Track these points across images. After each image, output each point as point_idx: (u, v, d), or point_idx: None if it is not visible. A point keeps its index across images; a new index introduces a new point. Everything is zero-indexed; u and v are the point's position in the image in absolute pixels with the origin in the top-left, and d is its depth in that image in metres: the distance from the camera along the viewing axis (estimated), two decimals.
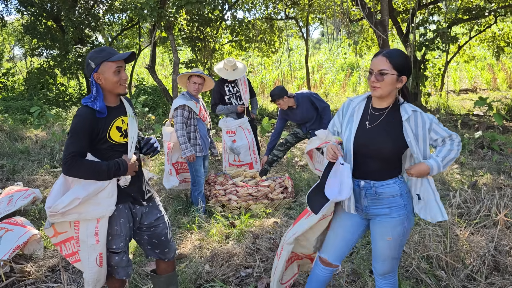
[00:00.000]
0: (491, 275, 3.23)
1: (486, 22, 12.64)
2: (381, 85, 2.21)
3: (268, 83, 18.76)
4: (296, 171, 6.49)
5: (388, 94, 2.26)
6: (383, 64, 2.18)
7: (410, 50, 9.21)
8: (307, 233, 2.60)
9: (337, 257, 2.53)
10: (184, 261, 3.68)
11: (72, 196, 2.27)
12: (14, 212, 4.40)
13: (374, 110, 2.34)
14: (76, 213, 2.32)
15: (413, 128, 2.25)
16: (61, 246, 2.50)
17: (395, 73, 2.18)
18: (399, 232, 2.34)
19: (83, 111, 2.29)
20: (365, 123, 2.34)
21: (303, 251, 2.77)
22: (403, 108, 2.28)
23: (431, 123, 2.28)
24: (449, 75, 17.04)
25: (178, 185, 4.94)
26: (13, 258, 3.54)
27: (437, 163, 2.27)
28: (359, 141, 2.32)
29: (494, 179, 5.46)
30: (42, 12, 13.60)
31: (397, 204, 2.32)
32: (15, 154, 7.31)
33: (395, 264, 2.47)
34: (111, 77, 2.30)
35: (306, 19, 14.48)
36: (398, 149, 2.28)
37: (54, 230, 2.44)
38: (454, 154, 2.29)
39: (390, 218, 2.33)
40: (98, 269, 2.43)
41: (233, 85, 5.79)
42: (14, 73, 16.98)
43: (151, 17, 8.87)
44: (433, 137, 2.30)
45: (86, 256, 2.40)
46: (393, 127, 2.28)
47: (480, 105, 7.61)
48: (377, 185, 2.33)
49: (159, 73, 19.97)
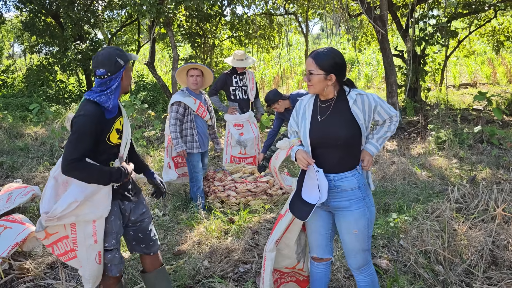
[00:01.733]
0: (489, 270, 3.24)
1: (486, 16, 12.59)
2: (311, 83, 2.38)
3: (268, 79, 18.74)
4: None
5: (322, 90, 2.39)
6: (310, 65, 2.36)
7: (410, 45, 9.18)
8: (286, 237, 2.65)
9: (324, 251, 2.61)
10: (183, 257, 3.70)
11: (70, 199, 2.26)
12: (13, 209, 4.41)
13: (322, 103, 2.46)
14: (73, 215, 2.31)
15: (361, 111, 2.39)
16: (52, 247, 2.49)
17: (321, 72, 2.33)
18: (364, 224, 2.42)
19: (92, 110, 2.28)
20: (316, 117, 2.45)
21: (286, 263, 2.78)
22: (350, 95, 2.41)
23: (376, 105, 2.42)
24: (449, 69, 17.00)
25: (176, 178, 4.97)
26: (12, 255, 3.55)
27: (374, 145, 2.48)
28: (314, 135, 2.42)
29: (493, 173, 5.46)
30: (41, 9, 13.57)
31: (356, 196, 2.41)
32: (14, 151, 7.31)
33: (368, 256, 2.53)
34: (130, 75, 2.47)
35: (305, 15, 14.45)
36: (352, 135, 2.38)
37: (46, 233, 2.43)
38: (389, 133, 2.52)
39: (351, 211, 2.41)
40: (98, 267, 2.46)
41: (241, 77, 5.76)
42: (14, 70, 16.99)
43: (150, 13, 8.85)
44: (376, 118, 2.48)
45: (86, 256, 2.41)
46: (343, 115, 2.39)
47: (480, 99, 7.59)
48: (336, 178, 2.41)
49: (159, 69, 19.95)
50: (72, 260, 2.53)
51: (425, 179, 5.51)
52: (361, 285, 2.60)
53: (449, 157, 6.53)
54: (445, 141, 7.18)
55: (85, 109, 2.27)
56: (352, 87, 2.45)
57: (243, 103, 5.76)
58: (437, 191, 5.05)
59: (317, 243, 2.60)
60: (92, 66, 2.38)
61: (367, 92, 2.43)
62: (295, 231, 2.64)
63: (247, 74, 5.80)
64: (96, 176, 2.27)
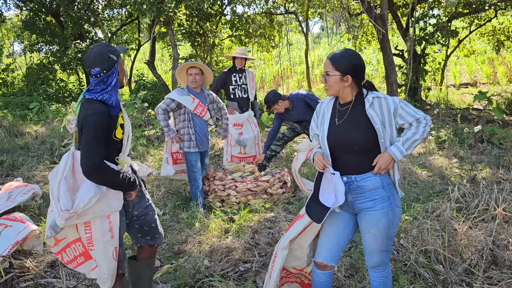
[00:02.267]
0: (489, 269, 3.24)
1: (486, 16, 12.59)
2: (328, 85, 2.38)
3: (268, 78, 18.74)
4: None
5: (339, 92, 2.38)
6: (327, 66, 2.37)
7: (410, 45, 9.18)
8: (301, 239, 2.62)
9: (331, 258, 2.53)
10: (183, 256, 3.70)
11: (90, 194, 2.27)
12: (13, 208, 4.41)
13: (340, 107, 2.45)
14: (91, 212, 2.32)
15: (378, 115, 2.33)
16: (61, 255, 2.47)
17: (337, 73, 2.33)
18: (385, 224, 2.37)
19: (99, 108, 2.29)
20: (334, 120, 2.44)
21: (296, 264, 2.76)
22: (367, 98, 2.37)
23: (396, 108, 2.34)
24: (449, 69, 17.01)
25: (173, 174, 5.00)
26: (12, 253, 3.54)
27: (398, 148, 2.33)
28: (332, 138, 2.41)
29: (493, 173, 5.46)
30: (41, 8, 13.56)
31: (380, 196, 2.36)
32: (14, 150, 7.31)
33: (385, 257, 2.49)
34: (124, 68, 2.46)
35: (305, 14, 14.45)
36: (369, 138, 2.33)
37: (55, 239, 2.42)
38: (418, 136, 2.34)
39: (374, 210, 2.37)
40: (115, 264, 2.47)
41: (241, 76, 5.75)
42: (14, 69, 16.99)
43: (150, 12, 8.84)
44: (399, 122, 2.37)
45: (103, 253, 2.41)
46: (360, 118, 2.35)
47: (480, 99, 7.60)
48: (359, 179, 2.37)
49: (159, 68, 19.96)
50: (81, 266, 2.50)
51: (425, 179, 5.51)
52: (373, 284, 2.57)
53: (449, 157, 6.53)
54: (445, 141, 7.18)
55: (93, 108, 2.28)
56: (372, 90, 2.41)
57: (242, 102, 5.75)
58: (437, 191, 5.05)
59: (329, 248, 2.52)
60: (86, 67, 2.37)
61: (388, 96, 2.37)
62: (311, 234, 2.61)
63: (247, 73, 5.80)
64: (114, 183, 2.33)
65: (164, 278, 3.35)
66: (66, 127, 2.43)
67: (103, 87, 2.35)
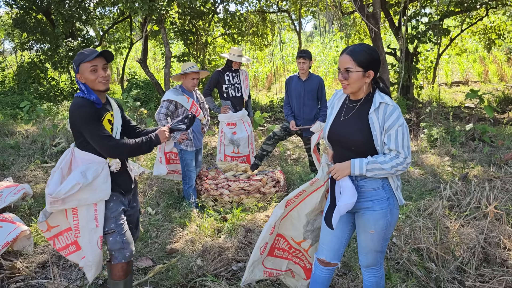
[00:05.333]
0: (480, 267, 3.26)
1: (478, 14, 12.65)
2: (349, 82, 2.27)
3: (261, 76, 18.71)
4: (288, 164, 6.49)
5: (359, 89, 2.30)
6: (348, 62, 2.24)
7: (402, 43, 9.21)
8: (300, 207, 2.67)
9: (333, 256, 2.53)
10: (176, 255, 3.68)
11: (73, 182, 2.43)
12: (3, 208, 4.37)
13: (349, 103, 2.40)
14: (75, 199, 2.48)
15: (380, 121, 2.24)
16: (54, 241, 2.63)
17: (360, 69, 2.23)
18: (382, 225, 2.34)
19: (82, 101, 2.48)
20: (340, 115, 2.41)
21: (293, 235, 2.78)
22: (374, 100, 2.29)
23: (393, 126, 2.21)
24: (441, 67, 17.09)
25: (166, 174, 5.00)
26: (2, 254, 3.50)
27: (361, 164, 2.23)
28: (332, 132, 2.40)
29: (484, 171, 5.49)
30: (32, 5, 13.43)
31: (380, 197, 2.33)
32: (5, 150, 7.24)
33: (379, 258, 2.48)
34: (88, 75, 2.50)
35: (298, 12, 14.44)
36: (365, 142, 2.28)
37: (47, 225, 2.58)
38: (385, 168, 2.20)
39: (372, 211, 2.34)
40: (99, 252, 2.60)
41: (234, 75, 5.72)
42: (4, 67, 16.78)
43: (142, 10, 8.79)
44: (384, 140, 2.25)
45: (88, 241, 2.56)
46: (362, 120, 2.30)
47: (472, 97, 7.64)
48: (359, 178, 2.34)
49: (151, 67, 19.85)
50: (72, 254, 2.68)
51: (417, 177, 5.53)
52: (366, 284, 2.57)
53: (441, 155, 6.56)
54: (437, 139, 7.22)
55: (77, 103, 2.48)
56: (383, 92, 2.33)
57: (236, 101, 5.72)
58: (429, 189, 5.07)
59: (330, 246, 2.52)
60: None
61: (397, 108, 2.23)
62: (310, 204, 2.64)
63: (240, 72, 5.77)
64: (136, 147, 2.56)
65: (156, 278, 3.33)
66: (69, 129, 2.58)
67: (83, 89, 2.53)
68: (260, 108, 12.26)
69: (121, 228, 2.63)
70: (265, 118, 10.49)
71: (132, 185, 2.82)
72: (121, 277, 2.66)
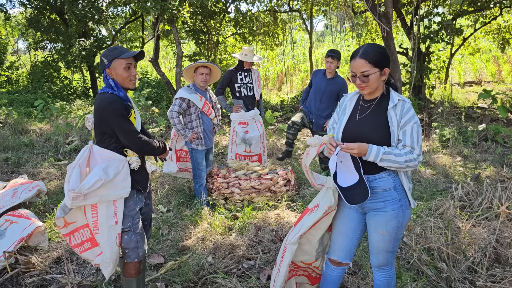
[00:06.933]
0: (492, 267, 3.24)
1: (492, 13, 12.52)
2: (367, 85, 2.28)
3: (272, 76, 18.72)
4: (299, 163, 6.50)
5: (376, 88, 2.32)
6: (363, 66, 2.24)
7: (414, 43, 9.15)
8: (310, 233, 2.59)
9: (345, 256, 2.54)
10: (187, 253, 3.71)
11: (95, 178, 2.44)
12: (18, 205, 4.44)
13: (364, 102, 2.41)
14: (97, 196, 2.49)
15: (397, 117, 2.27)
16: (69, 237, 2.63)
17: (376, 70, 2.25)
18: (393, 226, 2.35)
19: (112, 97, 2.50)
20: (355, 115, 2.40)
21: (304, 259, 2.73)
22: (391, 96, 2.32)
23: (409, 123, 2.24)
24: (454, 67, 16.94)
25: (176, 171, 5.02)
26: (18, 249, 3.58)
27: (378, 151, 2.21)
28: (348, 132, 2.38)
29: (497, 171, 5.45)
30: (46, 5, 13.61)
31: (392, 197, 2.33)
32: (19, 147, 7.35)
33: (390, 258, 2.48)
34: (122, 72, 2.52)
35: (309, 12, 14.41)
36: (383, 139, 2.28)
37: (65, 221, 2.58)
38: (400, 160, 2.21)
39: (384, 211, 2.34)
40: (117, 249, 2.62)
41: (246, 74, 5.75)
42: (18, 66, 17.03)
43: (154, 10, 8.86)
44: (399, 136, 2.27)
45: (107, 237, 2.57)
46: (380, 118, 2.31)
47: (485, 97, 7.57)
48: (371, 179, 2.35)
49: (163, 66, 19.97)
50: (87, 252, 2.66)
51: (429, 177, 5.50)
52: (376, 284, 2.57)
53: (453, 155, 6.52)
54: (449, 139, 7.17)
55: (109, 98, 2.49)
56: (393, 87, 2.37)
57: (248, 100, 5.75)
58: (441, 189, 5.05)
59: (341, 247, 2.53)
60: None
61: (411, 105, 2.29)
62: (321, 229, 2.57)
63: (252, 71, 5.80)
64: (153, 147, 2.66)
65: (168, 274, 3.37)
66: (86, 125, 2.65)
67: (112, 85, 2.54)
68: (271, 107, 12.27)
69: (137, 227, 2.65)
70: (275, 118, 10.50)
71: (148, 181, 2.86)
72: (133, 275, 2.70)
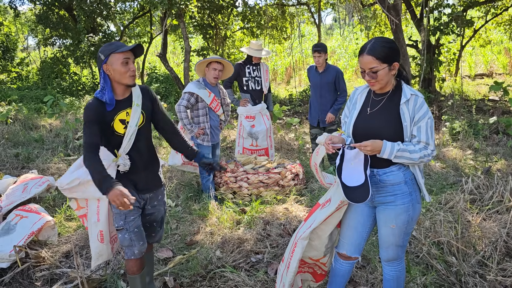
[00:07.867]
0: (503, 261, 3.20)
1: (503, 4, 12.32)
2: (377, 80, 2.25)
3: (280, 70, 18.65)
4: (307, 157, 6.48)
5: (386, 83, 2.28)
6: (371, 62, 2.20)
7: (424, 35, 9.05)
8: (320, 229, 2.55)
9: (354, 250, 2.52)
10: (195, 247, 3.73)
11: (74, 176, 2.57)
12: (28, 199, 4.48)
13: (375, 96, 2.37)
14: (79, 191, 2.61)
15: (410, 112, 2.24)
16: (83, 219, 2.81)
17: (385, 66, 2.21)
18: (403, 220, 2.33)
19: (92, 103, 2.45)
20: (366, 109, 2.37)
21: (312, 255, 2.69)
22: (404, 91, 2.28)
23: (423, 118, 2.22)
24: (464, 59, 16.73)
25: (180, 164, 4.99)
26: (28, 244, 3.62)
27: (392, 148, 2.19)
28: (358, 127, 2.35)
29: (508, 164, 5.38)
30: (54, 2, 13.68)
31: (402, 191, 2.31)
32: (29, 143, 7.42)
33: (400, 252, 2.46)
34: (119, 67, 2.41)
35: (318, 5, 14.30)
36: (395, 133, 2.25)
37: (77, 204, 2.76)
38: (414, 157, 2.20)
39: (394, 205, 2.32)
40: (99, 245, 2.71)
41: (254, 68, 5.73)
42: (28, 62, 17.16)
43: (162, 5, 8.86)
44: (413, 132, 2.25)
45: (90, 232, 2.70)
46: (392, 112, 2.27)
47: (496, 90, 7.48)
48: (381, 173, 2.32)
49: (171, 61, 19.99)
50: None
51: (438, 170, 5.45)
52: (386, 278, 2.56)
53: (463, 148, 6.45)
54: (460, 132, 7.09)
55: (88, 103, 2.47)
56: (405, 80, 2.33)
57: (255, 94, 5.73)
58: (451, 182, 5.00)
59: (351, 241, 2.51)
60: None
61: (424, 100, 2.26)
62: (332, 224, 2.54)
63: (261, 65, 5.77)
64: (93, 174, 2.36)
65: (176, 268, 3.38)
66: None
67: (101, 84, 2.46)
68: (279, 101, 12.24)
69: (130, 226, 2.58)
70: (284, 112, 10.47)
71: (152, 184, 2.73)
72: (135, 272, 2.67)
